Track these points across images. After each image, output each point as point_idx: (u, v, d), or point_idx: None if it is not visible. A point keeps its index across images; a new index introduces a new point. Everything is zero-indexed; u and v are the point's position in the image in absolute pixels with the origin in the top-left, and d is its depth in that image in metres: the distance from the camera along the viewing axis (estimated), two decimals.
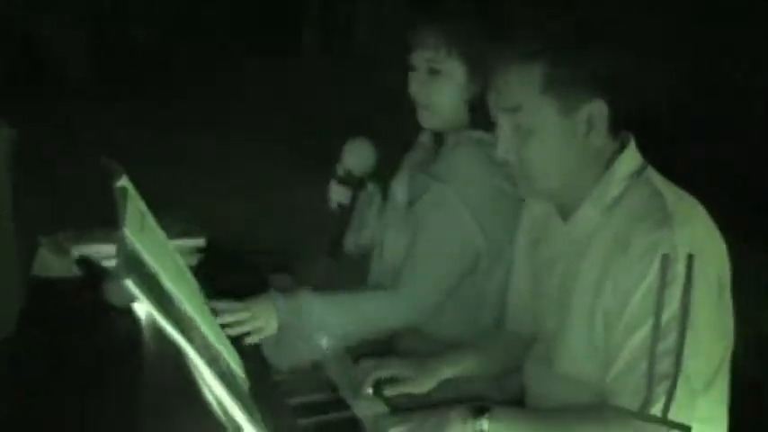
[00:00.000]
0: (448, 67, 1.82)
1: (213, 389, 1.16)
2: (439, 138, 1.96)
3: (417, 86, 1.86)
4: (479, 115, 1.76)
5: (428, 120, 1.89)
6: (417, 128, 2.01)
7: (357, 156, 1.93)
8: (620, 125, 1.47)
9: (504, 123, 1.47)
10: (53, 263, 1.93)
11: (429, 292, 1.83)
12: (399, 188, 1.97)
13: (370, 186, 1.99)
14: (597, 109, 1.42)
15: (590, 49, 1.42)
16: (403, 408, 1.57)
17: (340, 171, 1.94)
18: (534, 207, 1.67)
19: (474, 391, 1.73)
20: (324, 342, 1.71)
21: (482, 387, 1.77)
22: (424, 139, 2.04)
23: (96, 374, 1.50)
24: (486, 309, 1.87)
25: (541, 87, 1.40)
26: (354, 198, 1.93)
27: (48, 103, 6.50)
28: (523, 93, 1.42)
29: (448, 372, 1.68)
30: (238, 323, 1.69)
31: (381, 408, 1.56)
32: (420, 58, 1.84)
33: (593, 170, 1.47)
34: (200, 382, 1.17)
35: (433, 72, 1.83)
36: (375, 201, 2.04)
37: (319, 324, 1.74)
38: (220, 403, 1.19)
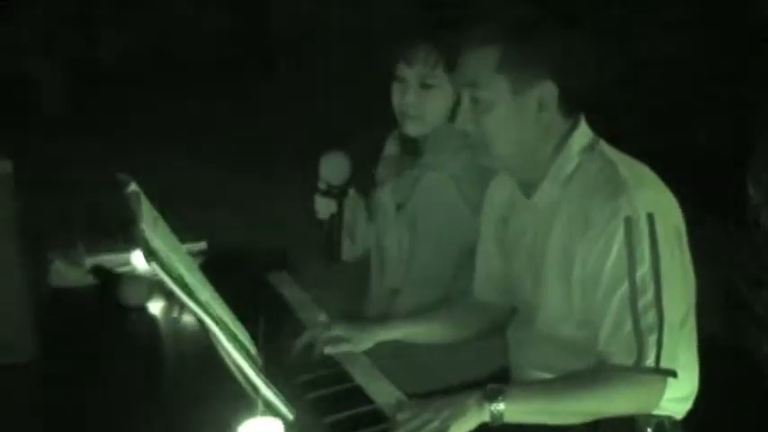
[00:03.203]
0: (440, 81, 1.95)
1: (235, 360, 1.30)
2: (408, 143, 2.08)
3: (408, 99, 1.98)
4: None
5: (415, 129, 2.02)
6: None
7: (332, 167, 2.05)
8: (573, 106, 1.61)
9: (464, 98, 1.62)
10: (68, 274, 2.07)
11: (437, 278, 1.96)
12: (386, 198, 2.09)
13: (352, 193, 2.10)
14: (547, 90, 1.57)
15: (542, 37, 1.57)
16: (419, 395, 1.61)
17: (321, 185, 2.07)
18: (497, 191, 1.80)
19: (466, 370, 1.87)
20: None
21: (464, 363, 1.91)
22: (392, 151, 2.17)
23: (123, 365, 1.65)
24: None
25: (496, 67, 1.56)
26: (341, 206, 2.06)
27: (32, 137, 6.63)
28: (480, 70, 1.57)
29: (386, 335, 1.79)
30: None
31: (395, 392, 1.62)
32: (412, 73, 1.96)
33: (549, 147, 1.62)
34: (223, 354, 1.30)
35: (426, 86, 1.96)
36: (360, 210, 2.16)
37: None
38: (243, 374, 1.32)
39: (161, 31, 8.59)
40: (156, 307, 1.88)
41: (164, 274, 1.19)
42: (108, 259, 2.10)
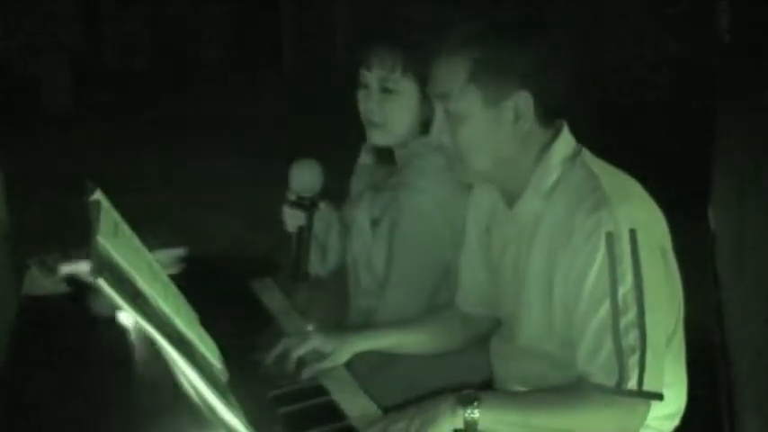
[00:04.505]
0: (402, 87, 1.86)
1: (190, 378, 1.25)
2: (383, 153, 2.00)
3: (371, 105, 1.89)
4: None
5: (380, 137, 1.92)
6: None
7: (304, 178, 1.94)
8: (553, 115, 1.54)
9: (438, 109, 1.55)
10: (42, 282, 2.03)
11: (415, 296, 1.89)
12: (360, 213, 1.98)
13: (323, 206, 1.99)
14: (522, 100, 1.49)
15: (513, 44, 1.49)
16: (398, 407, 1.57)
17: (291, 196, 1.95)
18: (481, 197, 1.73)
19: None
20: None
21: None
22: (367, 160, 2.09)
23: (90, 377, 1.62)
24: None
25: (468, 77, 1.48)
26: (310, 219, 1.94)
27: (31, 131, 6.67)
28: (452, 81, 1.50)
29: (366, 345, 1.74)
30: None
31: (371, 406, 1.58)
32: (374, 78, 1.88)
33: (530, 157, 1.54)
34: (178, 372, 1.25)
35: (387, 91, 1.86)
36: (333, 222, 2.07)
37: None
38: (198, 392, 1.27)
39: (162, 28, 8.60)
40: (127, 318, 1.82)
41: (111, 290, 1.13)
42: (83, 268, 2.05)
